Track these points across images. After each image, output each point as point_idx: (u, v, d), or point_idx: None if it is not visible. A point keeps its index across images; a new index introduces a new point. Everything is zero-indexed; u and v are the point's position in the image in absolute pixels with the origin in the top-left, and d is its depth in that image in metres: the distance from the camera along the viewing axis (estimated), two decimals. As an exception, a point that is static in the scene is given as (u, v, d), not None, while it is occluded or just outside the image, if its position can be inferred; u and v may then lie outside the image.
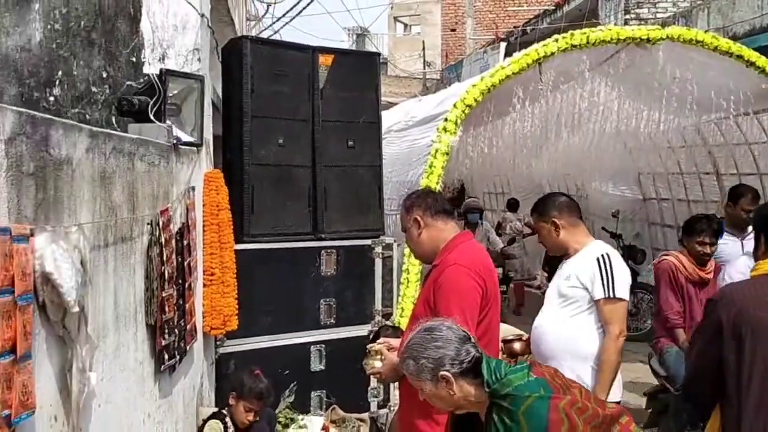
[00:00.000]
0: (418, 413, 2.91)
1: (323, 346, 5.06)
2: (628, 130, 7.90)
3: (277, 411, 4.54)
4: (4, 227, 1.63)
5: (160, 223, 3.04)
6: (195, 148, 3.86)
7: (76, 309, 1.91)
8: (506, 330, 3.92)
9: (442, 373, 2.13)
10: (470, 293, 2.85)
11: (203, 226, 4.19)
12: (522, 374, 2.15)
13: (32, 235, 1.79)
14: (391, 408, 5.40)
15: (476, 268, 2.91)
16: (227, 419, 3.84)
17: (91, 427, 2.26)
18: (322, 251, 5.05)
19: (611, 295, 3.20)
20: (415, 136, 6.75)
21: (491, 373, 2.13)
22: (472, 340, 2.22)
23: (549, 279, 9.23)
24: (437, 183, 5.49)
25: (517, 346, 3.71)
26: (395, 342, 3.15)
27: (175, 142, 3.37)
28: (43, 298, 1.86)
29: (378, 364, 3.05)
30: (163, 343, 3.13)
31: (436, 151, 5.54)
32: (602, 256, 3.28)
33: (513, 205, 11.97)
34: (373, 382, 5.27)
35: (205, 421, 3.89)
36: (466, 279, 2.87)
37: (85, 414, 2.16)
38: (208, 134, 4.32)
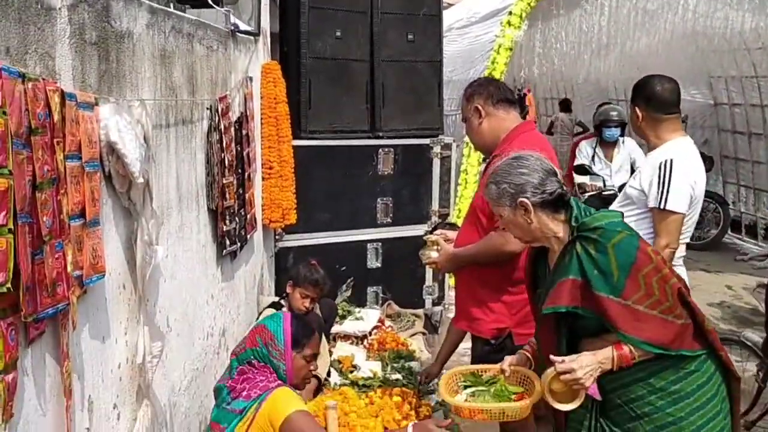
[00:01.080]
0: (473, 302, 2.93)
1: (380, 244, 5.13)
2: (702, 29, 7.44)
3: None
4: (69, 93, 1.64)
5: (219, 110, 3.04)
6: (252, 38, 3.82)
7: (141, 180, 1.94)
8: None
9: (521, 199, 2.13)
10: (531, 183, 2.79)
11: (261, 118, 4.19)
12: (615, 214, 2.17)
13: (97, 104, 1.81)
14: (446, 306, 5.49)
15: (538, 159, 2.83)
16: (284, 309, 3.95)
17: (157, 300, 2.36)
18: (380, 150, 5.03)
19: (662, 207, 2.98)
20: (477, 33, 6.50)
21: (581, 210, 2.13)
22: (558, 175, 2.20)
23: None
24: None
25: None
26: (452, 234, 3.15)
27: (233, 28, 3.33)
28: (109, 168, 1.90)
29: (434, 254, 3.07)
30: (225, 228, 3.20)
31: (500, 46, 5.34)
32: (665, 162, 3.01)
33: (566, 105, 11.77)
34: (429, 280, 5.34)
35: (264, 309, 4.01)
36: (527, 169, 2.81)
37: (152, 286, 2.24)
38: (266, 25, 4.26)
